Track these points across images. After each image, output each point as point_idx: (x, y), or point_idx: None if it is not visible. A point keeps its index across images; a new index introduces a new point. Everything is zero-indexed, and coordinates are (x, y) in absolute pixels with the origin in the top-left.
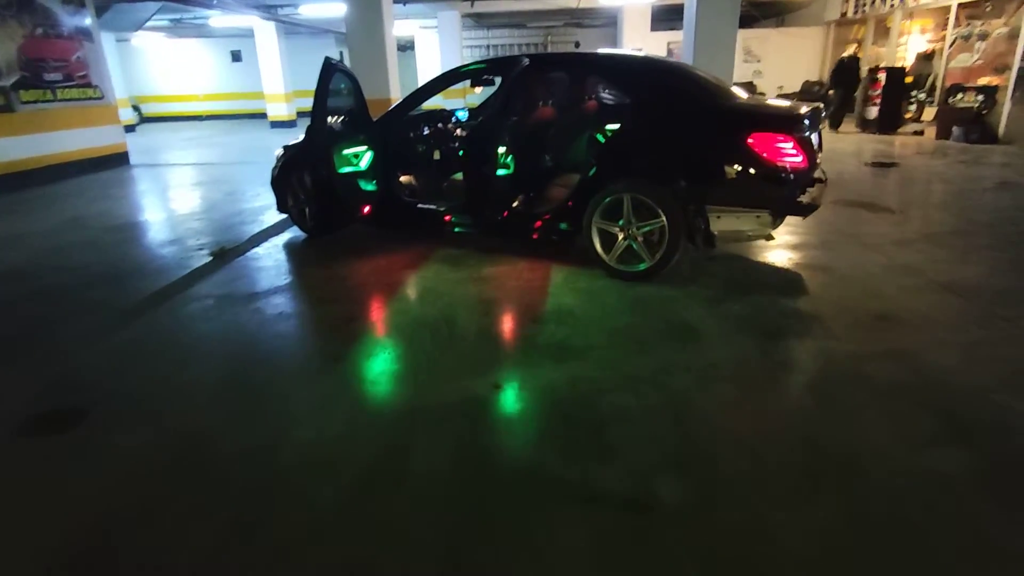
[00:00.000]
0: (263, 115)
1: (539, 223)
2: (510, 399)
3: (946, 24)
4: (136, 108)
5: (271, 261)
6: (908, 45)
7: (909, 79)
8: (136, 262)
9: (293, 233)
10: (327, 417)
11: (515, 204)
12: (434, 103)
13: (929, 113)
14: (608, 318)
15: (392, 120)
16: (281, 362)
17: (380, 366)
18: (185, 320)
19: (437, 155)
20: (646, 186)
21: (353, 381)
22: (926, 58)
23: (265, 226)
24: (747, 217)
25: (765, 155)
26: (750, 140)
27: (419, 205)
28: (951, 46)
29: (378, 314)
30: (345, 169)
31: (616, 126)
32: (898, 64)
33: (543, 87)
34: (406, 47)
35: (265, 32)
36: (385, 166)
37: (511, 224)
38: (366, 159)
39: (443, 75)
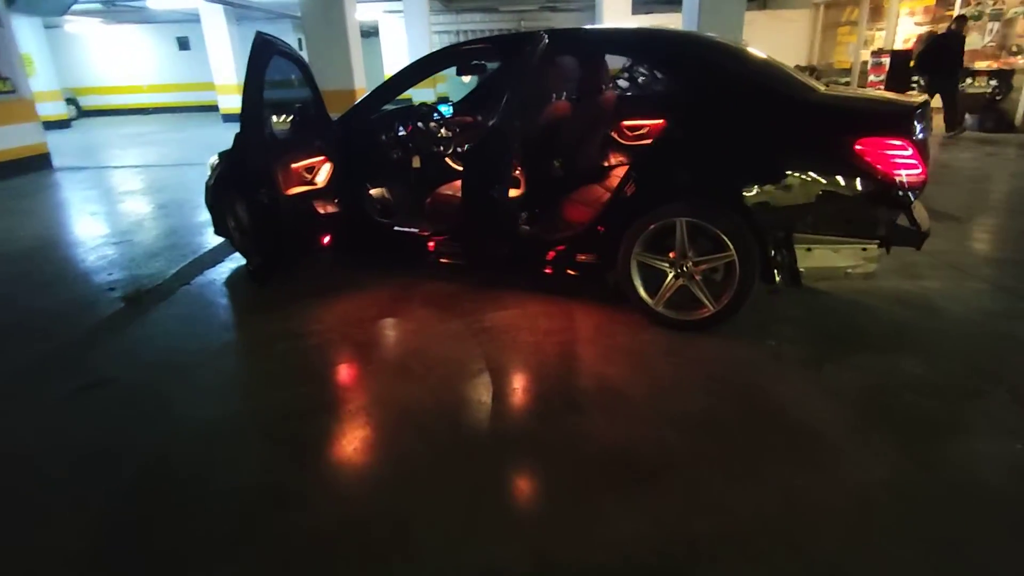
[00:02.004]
0: (214, 107)
1: (552, 253)
2: None
3: (950, 3)
4: (72, 101)
5: (203, 307)
6: (902, 26)
7: (911, 63)
8: (13, 313)
9: (235, 260)
10: None
11: (522, 227)
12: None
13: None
14: (672, 400)
15: (358, 119)
16: (198, 528)
17: (354, 534)
18: (45, 434)
19: (417, 162)
20: (710, 208)
21: (312, 558)
22: (926, 40)
23: (201, 252)
24: (848, 250)
25: (879, 166)
26: (858, 146)
27: (396, 227)
28: None
29: (347, 404)
30: (295, 189)
31: (661, 126)
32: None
33: (562, 73)
34: (369, 33)
35: (213, 16)
36: (350, 179)
37: (516, 256)
38: (324, 173)
39: (426, 59)
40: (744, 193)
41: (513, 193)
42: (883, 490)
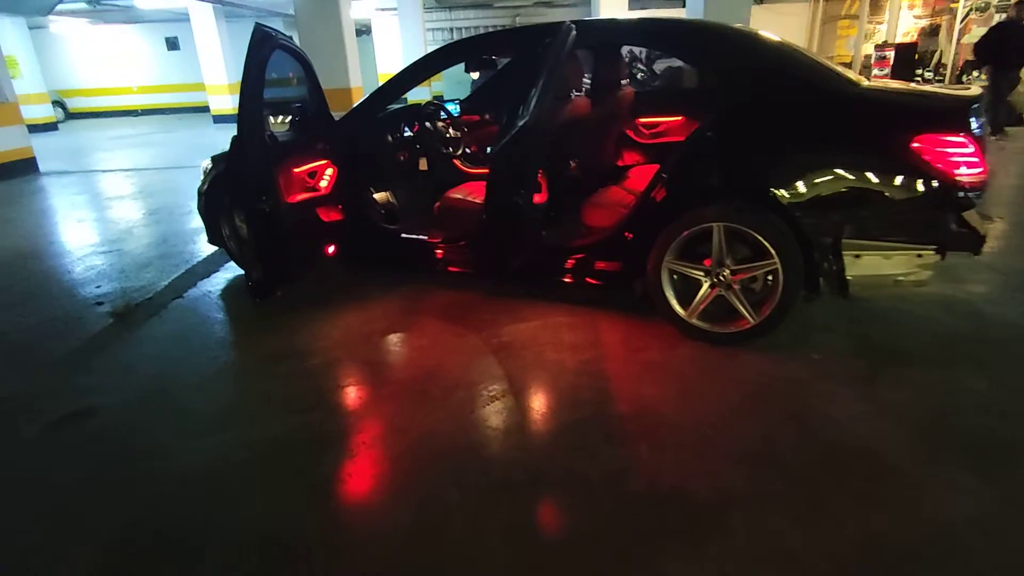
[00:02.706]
0: (205, 108)
1: (572, 261)
2: None
3: None
4: (59, 103)
5: (198, 323)
6: (900, 20)
7: (916, 56)
8: None
9: (230, 271)
10: None
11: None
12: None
13: None
14: (722, 426)
15: (362, 119)
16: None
17: None
18: (16, 484)
19: (424, 164)
20: (752, 212)
21: None
22: (930, 33)
23: (194, 261)
24: (902, 256)
25: (939, 165)
26: (915, 144)
27: (403, 234)
28: (964, 20)
29: (359, 435)
30: (298, 196)
31: (697, 124)
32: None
33: (581, 68)
34: (361, 32)
35: (202, 16)
36: (355, 184)
37: (534, 264)
38: (327, 177)
39: (434, 54)
40: (788, 196)
41: (536, 199)
42: (970, 530)
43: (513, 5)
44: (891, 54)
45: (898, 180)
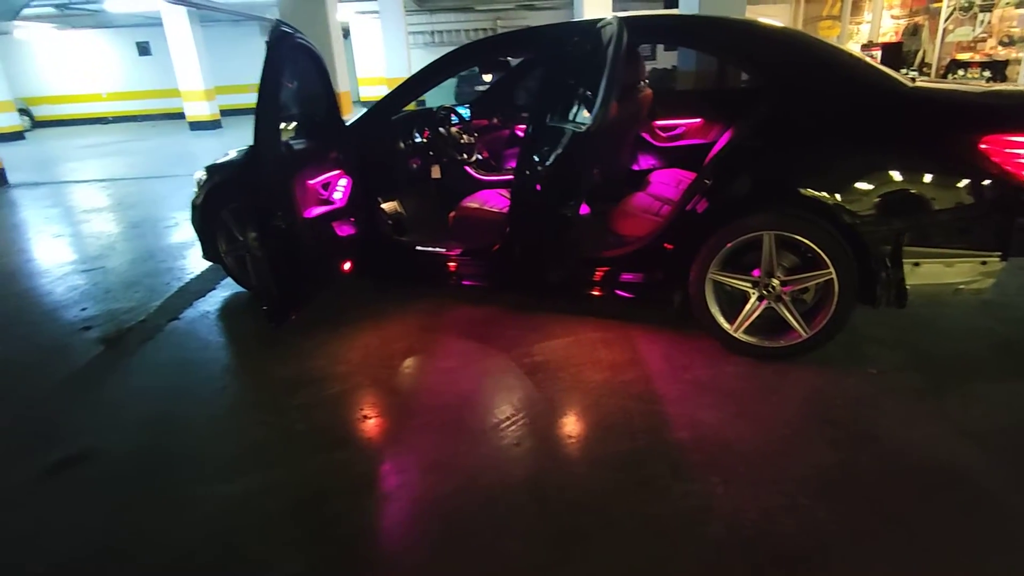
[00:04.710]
0: (179, 115)
1: (600, 273)
2: None
3: None
4: (25, 112)
5: (198, 348)
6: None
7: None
8: None
9: (227, 288)
10: None
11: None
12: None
13: None
14: (793, 454)
15: (374, 125)
16: None
17: None
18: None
19: (436, 172)
20: (805, 220)
21: None
22: (912, 33)
23: (187, 279)
24: (965, 264)
25: (1008, 168)
26: (983, 145)
27: (418, 247)
28: (948, 19)
29: (395, 476)
30: (315, 210)
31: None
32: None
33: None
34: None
35: (175, 20)
36: (367, 195)
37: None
38: (342, 189)
39: (450, 56)
40: (845, 202)
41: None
42: None
43: (494, 8)
44: (878, 54)
45: (963, 183)
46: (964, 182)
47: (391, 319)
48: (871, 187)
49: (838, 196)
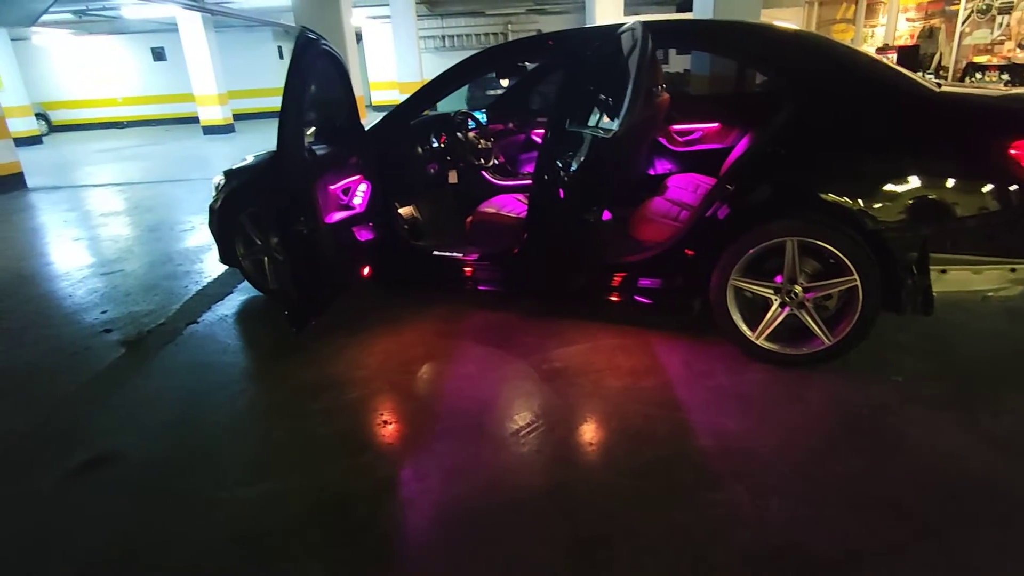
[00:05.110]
0: (194, 119)
1: (619, 278)
2: None
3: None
4: (42, 116)
5: (218, 351)
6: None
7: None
8: None
9: (245, 291)
10: None
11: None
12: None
13: None
14: (823, 463)
15: (394, 129)
16: None
17: None
18: (25, 551)
19: (454, 177)
20: (829, 226)
21: None
22: (928, 36)
23: (205, 282)
24: (994, 271)
25: None
26: (1012, 150)
27: (435, 252)
28: (965, 21)
29: (420, 482)
30: (336, 216)
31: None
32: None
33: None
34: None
35: (190, 25)
36: (386, 200)
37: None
38: (361, 194)
39: (468, 62)
40: (871, 208)
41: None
42: None
43: (505, 12)
44: (893, 57)
45: (992, 189)
46: (993, 187)
47: (408, 325)
48: (898, 193)
49: (862, 202)
